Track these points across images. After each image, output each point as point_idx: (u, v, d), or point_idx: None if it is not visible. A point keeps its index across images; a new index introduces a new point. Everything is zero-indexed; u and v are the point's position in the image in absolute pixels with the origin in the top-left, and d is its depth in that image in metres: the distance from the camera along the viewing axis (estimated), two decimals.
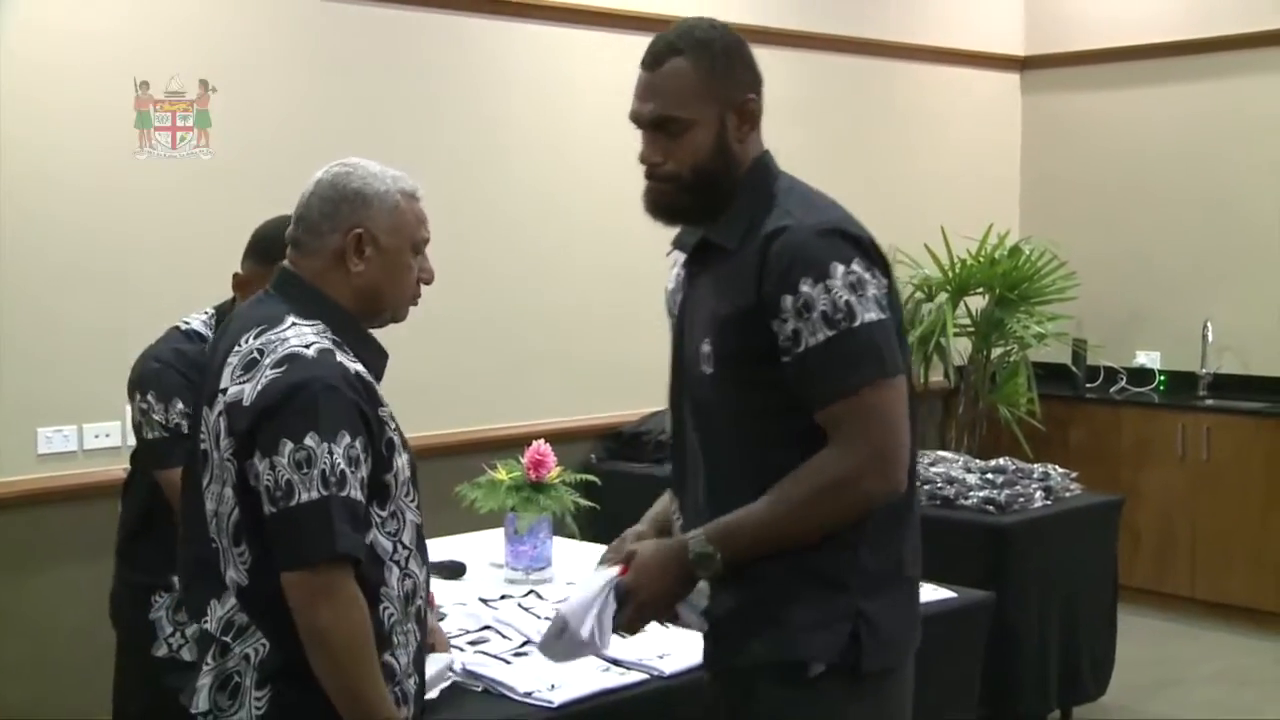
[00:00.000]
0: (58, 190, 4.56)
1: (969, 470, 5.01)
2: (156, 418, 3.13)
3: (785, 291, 2.21)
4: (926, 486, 4.89)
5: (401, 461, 2.36)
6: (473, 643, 3.12)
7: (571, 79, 5.81)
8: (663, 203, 2.42)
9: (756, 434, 2.30)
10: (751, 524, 2.25)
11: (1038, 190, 7.60)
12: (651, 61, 2.40)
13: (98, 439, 4.59)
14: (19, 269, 4.47)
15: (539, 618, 3.31)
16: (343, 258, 2.37)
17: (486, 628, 3.24)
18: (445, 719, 2.76)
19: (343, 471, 2.20)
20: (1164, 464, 6.62)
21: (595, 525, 4.22)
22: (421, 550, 2.42)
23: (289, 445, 2.19)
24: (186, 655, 3.00)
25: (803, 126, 6.59)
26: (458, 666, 2.95)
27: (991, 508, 4.78)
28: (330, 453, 2.19)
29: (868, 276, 2.24)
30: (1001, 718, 4.66)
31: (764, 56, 6.87)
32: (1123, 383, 7.13)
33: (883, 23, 6.89)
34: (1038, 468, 5.10)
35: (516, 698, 2.84)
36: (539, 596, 3.52)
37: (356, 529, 2.21)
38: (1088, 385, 7.16)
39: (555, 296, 5.79)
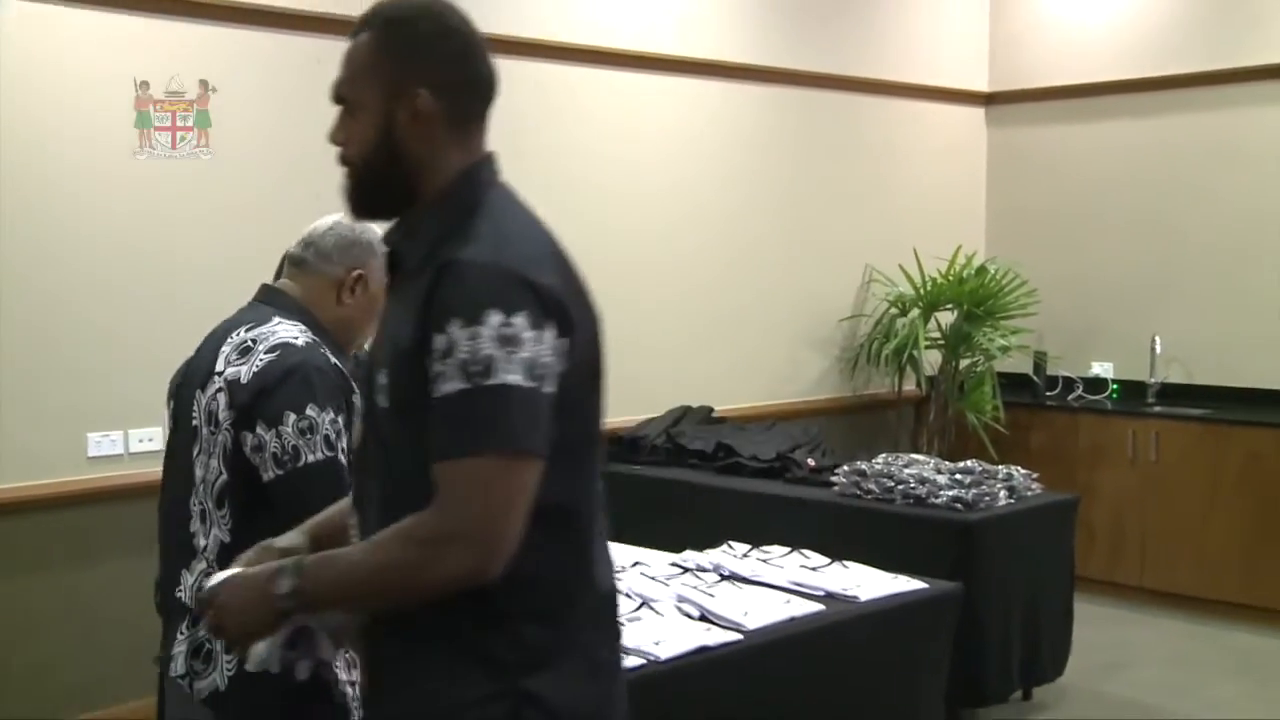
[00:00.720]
0: (57, 191, 4.36)
1: (939, 471, 4.99)
2: None
3: (437, 330, 1.75)
4: (900, 487, 4.89)
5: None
6: None
7: (571, 111, 5.83)
8: (346, 192, 1.97)
9: (428, 483, 1.78)
10: (342, 562, 1.85)
11: (1002, 215, 7.60)
12: (352, 31, 1.96)
13: (142, 443, 4.55)
14: (53, 274, 4.36)
15: None
16: (338, 288, 2.51)
17: None
18: None
19: (337, 438, 2.32)
20: (1116, 465, 6.62)
21: None
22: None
23: (293, 416, 2.30)
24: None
25: (786, 155, 6.61)
26: None
27: (960, 506, 4.76)
28: (324, 419, 2.32)
29: (528, 335, 1.74)
30: (969, 697, 4.68)
31: (750, 91, 6.94)
32: (1079, 391, 7.12)
33: (859, 61, 6.89)
34: (1002, 469, 5.08)
35: None
36: None
37: (348, 489, 2.23)
38: (1047, 393, 7.15)
39: None
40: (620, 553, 3.98)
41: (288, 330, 2.42)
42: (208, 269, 4.61)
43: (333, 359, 2.42)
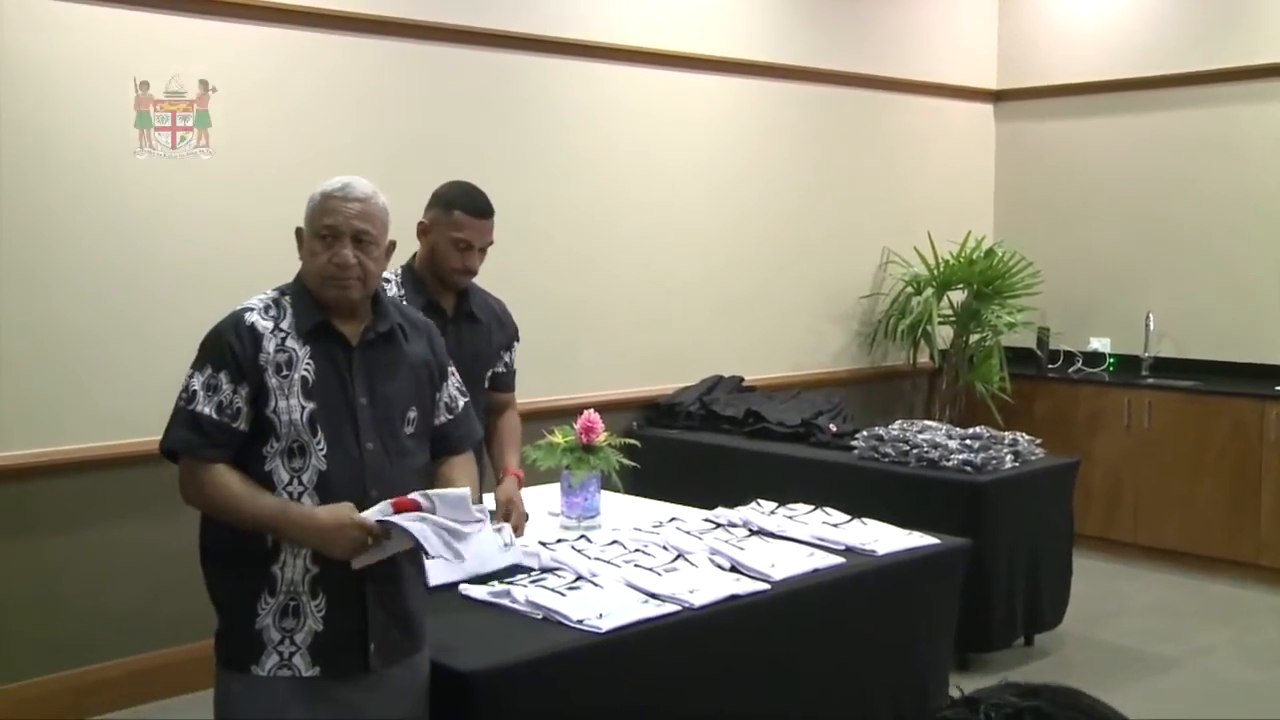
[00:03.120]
0: (58, 190, 4.07)
1: (950, 437, 4.97)
2: None
3: None
4: (915, 450, 4.87)
5: (289, 405, 2.32)
6: (534, 580, 3.08)
7: (617, 106, 5.74)
8: None
9: None
10: None
11: (1009, 202, 7.52)
12: None
13: None
14: (54, 272, 4.09)
15: (589, 558, 3.26)
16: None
17: (545, 568, 3.19)
18: (509, 639, 2.72)
19: (195, 391, 2.31)
20: (1112, 432, 6.56)
21: (636, 481, 4.17)
22: (324, 491, 2.32)
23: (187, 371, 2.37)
24: None
25: (811, 147, 6.56)
26: (520, 597, 2.91)
27: (969, 468, 4.73)
28: (193, 377, 2.33)
29: None
30: (977, 643, 4.67)
31: (780, 88, 6.86)
32: (1079, 364, 7.05)
33: (880, 61, 6.81)
34: (1008, 435, 5.04)
35: (570, 624, 2.80)
36: (588, 540, 3.47)
37: (197, 434, 2.29)
38: (1050, 366, 7.09)
39: (604, 296, 5.74)
40: (658, 509, 3.95)
41: (253, 298, 2.41)
42: (207, 268, 4.35)
43: (251, 319, 2.34)
